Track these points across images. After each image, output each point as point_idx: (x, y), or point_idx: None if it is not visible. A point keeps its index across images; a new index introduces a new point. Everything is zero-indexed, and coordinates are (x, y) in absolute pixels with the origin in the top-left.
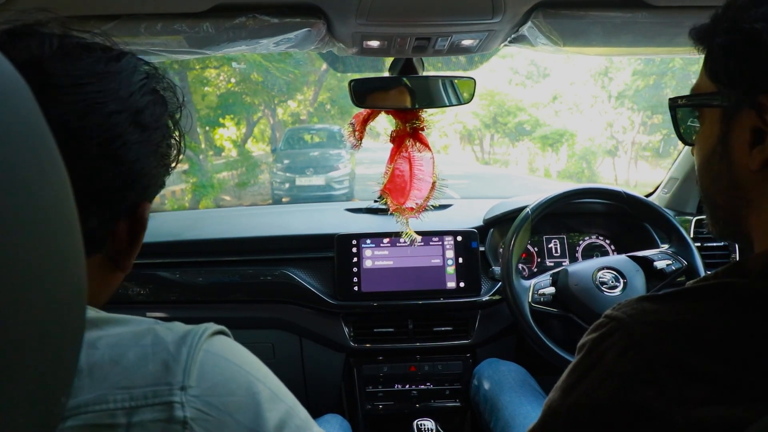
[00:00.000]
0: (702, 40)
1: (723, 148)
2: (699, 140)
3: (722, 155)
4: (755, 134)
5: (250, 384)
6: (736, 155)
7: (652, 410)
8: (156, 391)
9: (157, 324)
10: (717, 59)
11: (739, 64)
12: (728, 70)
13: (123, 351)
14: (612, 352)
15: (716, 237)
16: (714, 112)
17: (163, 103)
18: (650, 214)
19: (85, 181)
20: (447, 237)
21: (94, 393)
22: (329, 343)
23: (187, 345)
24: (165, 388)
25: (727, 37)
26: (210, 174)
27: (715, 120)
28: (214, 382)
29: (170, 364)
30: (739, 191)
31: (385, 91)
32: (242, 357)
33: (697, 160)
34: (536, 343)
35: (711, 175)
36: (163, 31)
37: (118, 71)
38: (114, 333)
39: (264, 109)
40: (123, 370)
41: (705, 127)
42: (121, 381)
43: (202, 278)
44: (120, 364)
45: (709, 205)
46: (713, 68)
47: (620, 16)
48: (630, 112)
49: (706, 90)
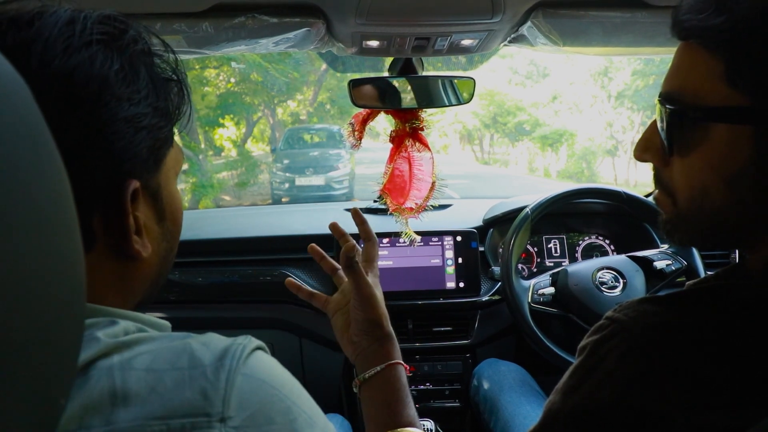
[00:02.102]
0: (707, 36)
1: (759, 172)
2: (706, 155)
3: (756, 178)
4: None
5: (288, 410)
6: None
7: (653, 414)
8: (195, 422)
9: (191, 338)
10: (748, 66)
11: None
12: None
13: (159, 376)
14: (613, 354)
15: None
16: (735, 127)
17: (121, 58)
18: (650, 214)
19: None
20: (447, 237)
21: (131, 422)
22: (329, 343)
23: (225, 370)
24: (204, 420)
25: (762, 39)
26: (210, 174)
27: (739, 136)
28: (253, 411)
29: (208, 392)
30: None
31: (384, 90)
32: (279, 377)
33: (709, 179)
34: (536, 344)
35: (734, 198)
36: (162, 30)
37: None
38: (149, 350)
39: (264, 109)
40: (159, 398)
41: (717, 142)
42: (158, 410)
43: (201, 278)
44: (156, 390)
45: (710, 224)
46: (739, 77)
47: (620, 16)
48: (630, 112)
49: (724, 101)
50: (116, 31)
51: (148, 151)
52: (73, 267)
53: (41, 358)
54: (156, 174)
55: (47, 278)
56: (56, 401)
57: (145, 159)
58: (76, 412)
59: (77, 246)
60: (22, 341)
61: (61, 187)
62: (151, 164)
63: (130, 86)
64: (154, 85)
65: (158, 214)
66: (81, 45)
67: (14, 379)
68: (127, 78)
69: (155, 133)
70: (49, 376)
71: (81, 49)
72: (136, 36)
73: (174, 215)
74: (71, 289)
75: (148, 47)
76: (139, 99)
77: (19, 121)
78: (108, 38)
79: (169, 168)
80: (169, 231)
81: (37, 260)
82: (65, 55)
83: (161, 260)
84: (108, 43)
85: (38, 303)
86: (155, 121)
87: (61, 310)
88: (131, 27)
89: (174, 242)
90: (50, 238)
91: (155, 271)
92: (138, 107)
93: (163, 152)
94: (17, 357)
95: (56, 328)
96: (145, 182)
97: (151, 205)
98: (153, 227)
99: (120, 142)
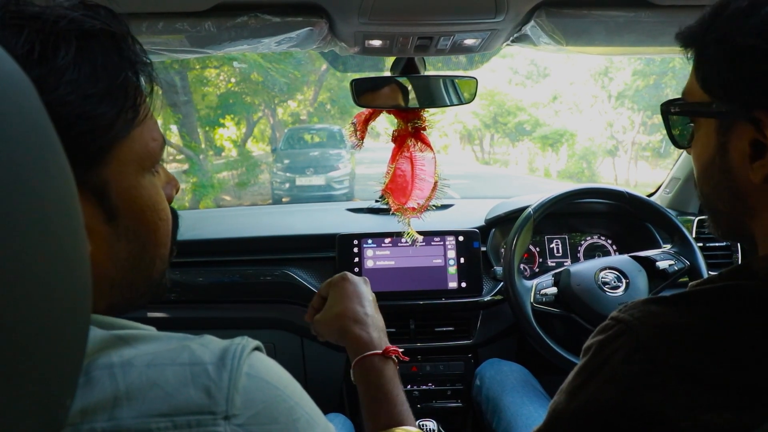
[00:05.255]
0: (690, 44)
1: (722, 159)
2: (696, 146)
3: (721, 166)
4: (754, 147)
5: (290, 410)
6: (736, 166)
7: (658, 414)
8: (200, 420)
9: (188, 340)
10: (709, 69)
11: (733, 78)
12: (722, 82)
13: (161, 370)
14: (619, 355)
15: (719, 238)
16: (709, 121)
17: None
18: (652, 214)
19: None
20: (449, 237)
21: (135, 418)
22: (330, 343)
23: (227, 369)
24: (209, 417)
25: (720, 48)
26: (210, 174)
27: (710, 129)
28: (257, 409)
29: (212, 391)
30: (741, 200)
31: (386, 90)
32: (280, 378)
33: (696, 167)
34: (538, 344)
35: (711, 183)
36: (165, 30)
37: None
38: (148, 351)
39: (264, 109)
40: (163, 394)
41: (701, 134)
42: (162, 407)
43: (202, 278)
44: (159, 385)
45: (710, 211)
46: (705, 78)
47: (623, 15)
48: (630, 112)
49: (699, 98)
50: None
51: (70, 141)
52: (78, 266)
53: (47, 359)
54: (97, 168)
55: (52, 278)
56: (62, 402)
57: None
58: (78, 411)
59: (83, 246)
60: (28, 343)
61: (67, 187)
62: (85, 157)
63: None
64: (92, 69)
65: (107, 212)
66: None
67: (20, 379)
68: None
69: (87, 123)
70: (55, 377)
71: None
72: (67, 14)
73: (138, 213)
74: (77, 290)
75: (89, 27)
76: (57, 83)
77: (25, 120)
78: (24, 17)
79: (127, 161)
80: (128, 230)
81: (42, 260)
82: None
83: (122, 261)
84: (26, 23)
85: (44, 304)
86: (86, 108)
87: (66, 311)
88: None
89: (140, 242)
90: (55, 237)
91: (114, 274)
92: (54, 93)
93: (104, 143)
94: (23, 358)
95: (62, 329)
96: (80, 176)
97: (93, 202)
98: (97, 227)
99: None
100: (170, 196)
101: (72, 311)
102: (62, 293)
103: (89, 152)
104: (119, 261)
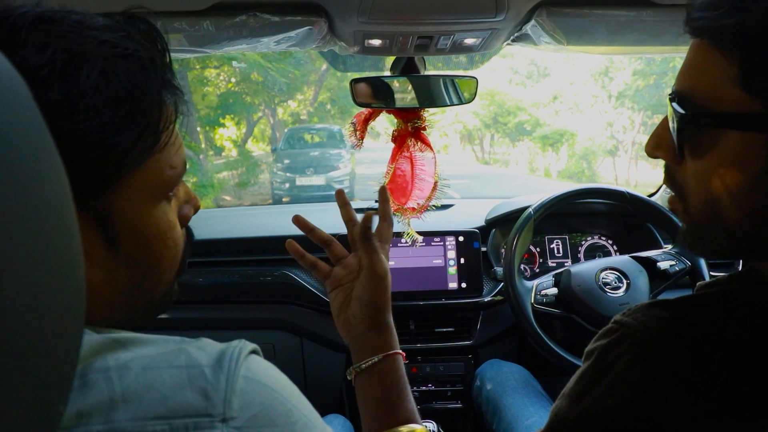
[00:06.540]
0: (729, 38)
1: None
2: (720, 163)
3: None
4: None
5: (288, 413)
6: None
7: (662, 421)
8: (197, 422)
9: (185, 343)
10: (764, 71)
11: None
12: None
13: (157, 373)
14: (622, 360)
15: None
16: (752, 137)
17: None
18: (653, 214)
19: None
20: (449, 237)
21: (131, 421)
22: (330, 343)
23: (224, 371)
24: (206, 419)
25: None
26: (210, 174)
27: (754, 145)
28: (255, 412)
29: (209, 393)
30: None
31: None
32: (278, 381)
33: (720, 186)
34: (539, 344)
35: (746, 206)
36: (163, 29)
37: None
38: (145, 354)
39: (264, 109)
40: (160, 396)
41: (729, 150)
42: (159, 409)
43: (202, 278)
44: (155, 388)
45: (723, 236)
46: (753, 82)
47: (624, 14)
48: (630, 112)
49: (737, 106)
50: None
51: (80, 169)
52: (72, 269)
53: (40, 362)
54: (104, 195)
55: (46, 281)
56: (55, 407)
57: (79, 177)
58: (73, 414)
59: (77, 248)
60: (22, 346)
61: (60, 189)
62: (92, 184)
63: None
64: (115, 94)
65: (107, 239)
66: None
67: (12, 382)
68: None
69: (100, 151)
70: (48, 381)
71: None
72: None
73: (142, 242)
74: (71, 293)
75: (119, 51)
76: (74, 108)
77: (18, 121)
78: (45, 34)
79: (137, 189)
80: (129, 258)
81: (35, 262)
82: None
83: (121, 287)
84: (51, 41)
85: (37, 307)
86: (100, 136)
87: (60, 315)
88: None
89: (141, 270)
90: (49, 239)
91: (113, 298)
92: (70, 118)
93: (115, 171)
94: (16, 361)
95: (56, 333)
96: (84, 203)
97: (94, 226)
98: (97, 252)
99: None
100: (187, 216)
101: (64, 315)
102: (54, 296)
103: (97, 180)
104: (118, 286)
